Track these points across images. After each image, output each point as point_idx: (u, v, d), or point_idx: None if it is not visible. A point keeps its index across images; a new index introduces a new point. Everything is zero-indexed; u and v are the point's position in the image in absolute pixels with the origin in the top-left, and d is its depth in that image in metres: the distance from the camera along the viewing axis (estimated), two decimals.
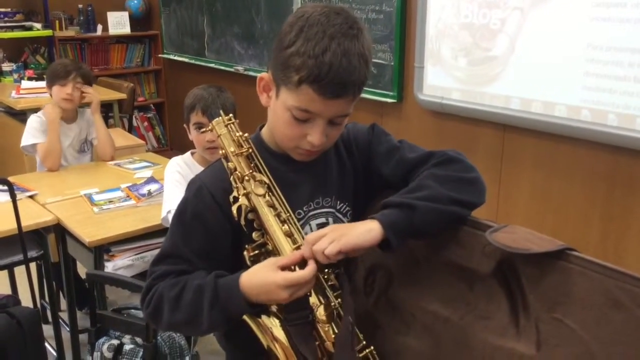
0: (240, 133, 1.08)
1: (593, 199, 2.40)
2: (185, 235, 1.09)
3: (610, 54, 2.19)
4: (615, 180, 2.32)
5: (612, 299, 0.85)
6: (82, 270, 2.70)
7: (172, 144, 5.51)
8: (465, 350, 1.01)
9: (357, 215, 1.16)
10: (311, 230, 1.12)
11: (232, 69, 4.24)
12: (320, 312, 1.01)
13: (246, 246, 1.04)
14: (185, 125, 2.15)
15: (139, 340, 1.85)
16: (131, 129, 4.44)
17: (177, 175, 2.08)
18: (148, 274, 1.11)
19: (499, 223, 1.00)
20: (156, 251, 2.19)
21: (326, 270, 1.03)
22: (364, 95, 1.17)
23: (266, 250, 1.04)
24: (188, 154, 2.18)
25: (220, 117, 1.09)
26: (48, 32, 4.68)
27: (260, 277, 0.99)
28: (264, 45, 3.93)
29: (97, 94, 2.85)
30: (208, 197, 1.09)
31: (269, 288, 0.97)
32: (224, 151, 1.07)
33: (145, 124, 5.42)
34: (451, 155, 1.09)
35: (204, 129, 2.00)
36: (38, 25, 4.66)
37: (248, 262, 1.03)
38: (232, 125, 1.08)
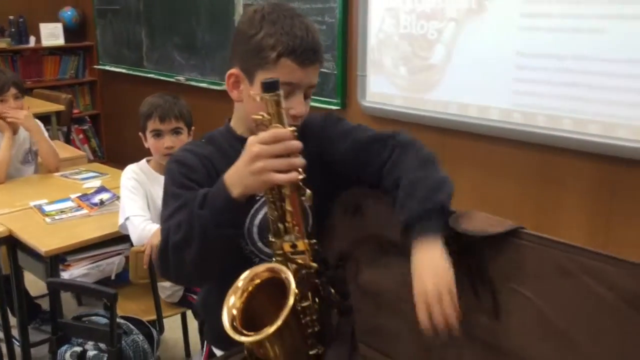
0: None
1: (525, 195, 2.59)
2: (181, 185, 1.15)
3: (537, 61, 2.39)
4: (545, 177, 2.52)
5: (561, 268, 0.97)
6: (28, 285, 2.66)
7: (108, 156, 5.42)
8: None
9: (318, 202, 1.22)
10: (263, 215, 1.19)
11: (172, 79, 4.25)
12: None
13: None
14: (140, 134, 2.18)
15: (102, 346, 1.86)
16: (68, 141, 4.37)
17: (133, 182, 2.11)
18: (162, 232, 1.13)
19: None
20: (113, 259, 2.23)
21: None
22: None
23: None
24: (143, 161, 2.22)
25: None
26: None
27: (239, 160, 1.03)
28: (206, 56, 3.98)
29: (33, 123, 2.78)
30: (188, 158, 1.18)
31: (244, 158, 1.00)
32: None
33: (81, 136, 5.32)
34: (409, 140, 1.21)
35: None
36: None
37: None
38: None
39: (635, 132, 2.18)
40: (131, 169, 2.18)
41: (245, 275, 1.03)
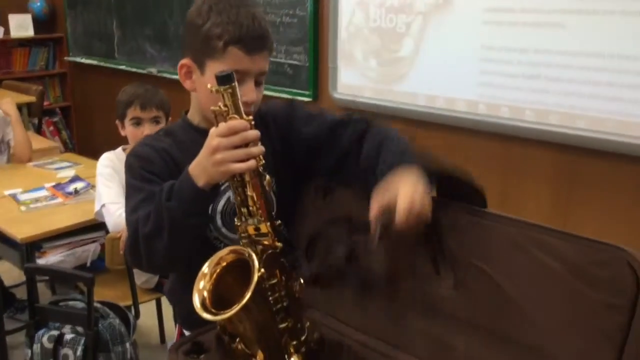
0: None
1: (491, 184, 2.66)
2: (141, 178, 1.19)
3: (501, 54, 2.48)
4: (509, 166, 2.63)
5: (514, 243, 1.06)
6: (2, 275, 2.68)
7: (79, 148, 5.40)
8: (396, 297, 1.20)
9: (281, 190, 1.29)
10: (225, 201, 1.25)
11: (144, 71, 4.26)
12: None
13: None
14: (117, 122, 2.21)
15: (79, 329, 1.90)
16: (39, 133, 4.35)
17: (109, 170, 2.15)
18: (128, 225, 1.18)
19: None
20: (88, 246, 2.27)
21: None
22: (281, 94, 1.31)
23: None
24: (119, 149, 2.25)
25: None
26: None
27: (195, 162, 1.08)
28: (178, 48, 4.00)
29: (14, 110, 2.80)
30: (145, 152, 1.23)
31: (205, 150, 1.05)
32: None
33: (52, 128, 5.29)
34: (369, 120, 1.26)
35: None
36: None
37: None
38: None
39: (593, 123, 2.29)
40: (107, 157, 2.21)
41: (210, 260, 1.08)
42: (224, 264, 1.10)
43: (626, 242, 0.99)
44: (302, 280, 1.17)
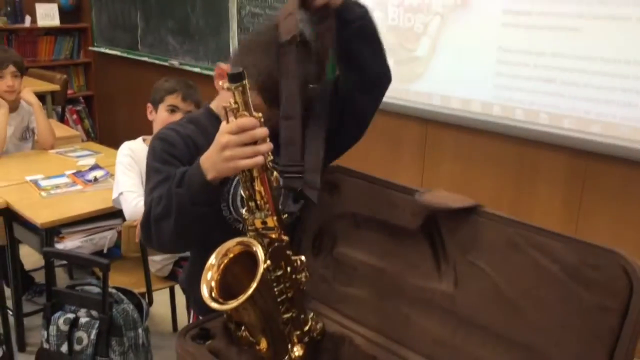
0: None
1: (503, 186, 2.71)
2: (162, 161, 1.26)
3: (518, 57, 2.49)
4: (522, 169, 2.64)
5: (512, 243, 1.09)
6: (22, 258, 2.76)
7: (101, 137, 5.50)
8: (399, 294, 1.23)
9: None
10: None
11: (166, 63, 4.33)
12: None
13: None
14: (150, 105, 2.27)
15: (94, 313, 1.97)
16: (62, 121, 4.45)
17: (128, 159, 2.21)
18: (145, 204, 1.24)
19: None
20: (105, 233, 2.33)
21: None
22: None
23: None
24: (140, 139, 2.31)
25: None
26: None
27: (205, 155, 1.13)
28: (199, 41, 4.06)
29: (34, 98, 2.88)
30: (170, 135, 1.29)
31: (214, 146, 1.09)
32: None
33: (74, 116, 5.39)
34: None
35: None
36: None
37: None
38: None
39: (607, 128, 2.29)
40: (127, 146, 2.27)
41: (217, 251, 1.13)
42: (231, 255, 1.14)
43: (637, 248, 1.01)
44: (307, 273, 1.21)
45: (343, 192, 1.35)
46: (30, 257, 3.22)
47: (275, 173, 1.12)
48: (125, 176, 2.18)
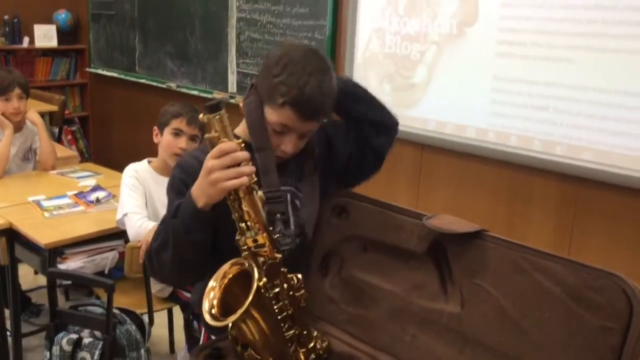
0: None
1: (497, 210, 2.77)
2: (178, 192, 1.31)
3: (512, 85, 2.57)
4: (515, 194, 2.70)
5: (516, 266, 1.14)
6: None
7: (95, 158, 5.51)
8: (405, 314, 1.28)
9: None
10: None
11: (164, 85, 4.38)
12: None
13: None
14: (156, 128, 2.32)
15: (97, 334, 1.98)
16: (59, 142, 4.47)
17: (134, 180, 2.24)
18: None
19: None
20: (107, 254, 2.35)
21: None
22: None
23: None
24: (145, 161, 2.35)
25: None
26: None
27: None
28: (198, 64, 4.12)
29: (39, 118, 2.93)
30: (190, 164, 1.34)
31: (202, 172, 1.16)
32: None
33: (69, 137, 5.41)
34: None
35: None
36: None
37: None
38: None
39: (598, 155, 2.36)
40: (133, 168, 2.31)
41: (216, 274, 1.19)
42: (230, 276, 1.20)
43: (627, 272, 1.07)
44: (305, 291, 1.25)
45: (351, 215, 1.40)
46: (26, 277, 3.23)
47: (260, 192, 1.18)
48: (129, 197, 2.21)
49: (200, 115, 1.14)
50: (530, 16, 2.47)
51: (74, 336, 1.99)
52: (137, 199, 2.21)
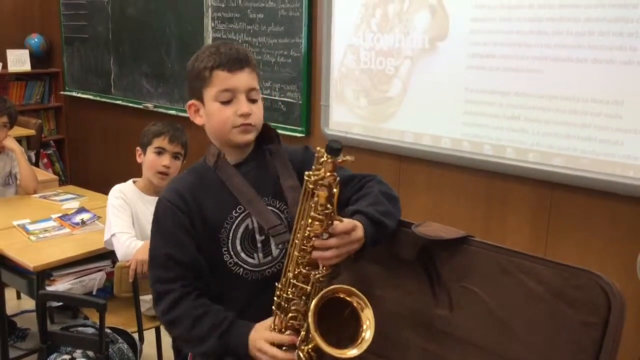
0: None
1: (474, 216, 2.86)
2: (177, 243, 1.34)
3: (484, 96, 2.67)
4: (492, 200, 2.80)
5: (502, 268, 1.21)
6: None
7: (72, 180, 5.48)
8: (398, 317, 1.34)
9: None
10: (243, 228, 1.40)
11: (140, 106, 4.40)
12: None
13: None
14: (138, 148, 2.35)
15: (90, 353, 2.00)
16: (37, 165, 4.45)
17: (120, 201, 2.27)
18: (154, 279, 1.35)
19: None
20: (95, 275, 2.37)
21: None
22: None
23: None
24: (130, 182, 2.38)
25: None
26: None
27: (254, 334, 1.29)
28: (174, 84, 4.15)
29: (17, 145, 2.94)
30: (176, 200, 1.37)
31: (252, 345, 1.28)
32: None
33: (45, 160, 5.38)
34: (380, 178, 1.44)
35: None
36: None
37: None
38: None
39: (568, 161, 2.47)
40: (119, 189, 2.34)
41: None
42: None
43: (600, 270, 1.15)
44: None
45: None
46: (9, 302, 3.20)
47: None
48: (116, 218, 2.24)
49: (319, 149, 1.16)
50: (499, 30, 2.57)
51: (67, 357, 2.00)
52: (124, 219, 2.24)
